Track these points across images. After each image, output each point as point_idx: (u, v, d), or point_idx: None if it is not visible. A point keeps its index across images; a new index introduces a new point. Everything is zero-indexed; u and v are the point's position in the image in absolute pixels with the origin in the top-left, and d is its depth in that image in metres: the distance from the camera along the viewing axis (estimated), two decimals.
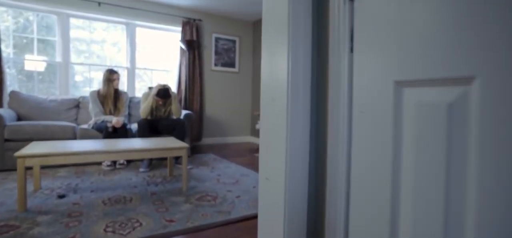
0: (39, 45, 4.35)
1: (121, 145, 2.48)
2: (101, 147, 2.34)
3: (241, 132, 5.83)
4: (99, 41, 4.65)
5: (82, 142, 2.60)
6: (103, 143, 2.58)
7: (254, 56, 5.82)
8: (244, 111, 5.86)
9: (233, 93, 5.71)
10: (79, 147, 2.32)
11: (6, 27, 4.06)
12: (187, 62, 4.96)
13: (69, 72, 4.43)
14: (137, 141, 2.72)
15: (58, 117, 3.76)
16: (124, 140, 2.73)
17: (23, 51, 4.23)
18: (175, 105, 3.49)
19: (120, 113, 3.54)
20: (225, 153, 4.48)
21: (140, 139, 2.87)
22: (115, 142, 2.66)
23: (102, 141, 2.68)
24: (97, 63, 4.61)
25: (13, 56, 4.11)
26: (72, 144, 2.46)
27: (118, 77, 3.47)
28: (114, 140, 2.76)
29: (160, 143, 2.62)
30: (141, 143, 2.60)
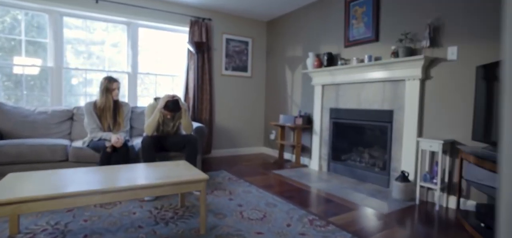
0: (28, 48, 3.81)
1: (123, 177, 1.94)
2: (97, 181, 1.81)
3: (253, 142, 5.29)
4: (98, 42, 4.11)
5: (73, 172, 2.05)
6: (99, 173, 2.04)
7: (268, 59, 5.28)
8: (257, 120, 5.32)
9: (245, 100, 5.17)
10: (68, 181, 1.79)
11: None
12: (195, 66, 4.42)
13: (63, 77, 3.89)
14: (142, 170, 2.17)
15: (48, 132, 3.22)
16: (126, 169, 2.19)
17: (10, 54, 3.70)
18: (186, 119, 2.95)
19: (120, 128, 3.00)
20: (239, 170, 3.93)
21: (145, 165, 2.33)
22: (114, 172, 2.13)
23: (99, 170, 2.14)
24: (93, 68, 4.07)
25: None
26: (61, 176, 1.92)
27: (118, 87, 2.93)
28: (113, 168, 2.22)
29: (171, 173, 2.08)
30: (147, 174, 2.06)
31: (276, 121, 5.01)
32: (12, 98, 3.71)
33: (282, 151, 4.64)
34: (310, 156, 4.28)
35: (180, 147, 3.05)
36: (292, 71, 4.69)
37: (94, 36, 4.11)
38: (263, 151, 5.37)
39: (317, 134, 4.07)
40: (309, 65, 4.09)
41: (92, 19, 4.03)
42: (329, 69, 3.73)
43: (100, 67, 4.13)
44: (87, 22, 4.02)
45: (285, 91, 4.85)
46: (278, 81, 5.01)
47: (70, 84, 4.05)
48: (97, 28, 4.11)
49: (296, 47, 4.60)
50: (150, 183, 1.82)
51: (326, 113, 3.97)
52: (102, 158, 2.70)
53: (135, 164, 2.34)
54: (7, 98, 3.66)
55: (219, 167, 4.11)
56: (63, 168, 2.75)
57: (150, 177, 1.93)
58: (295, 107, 4.63)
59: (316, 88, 4.09)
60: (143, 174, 2.02)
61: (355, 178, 3.56)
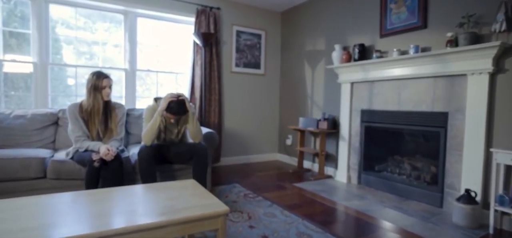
0: (11, 41, 3.26)
1: (107, 211, 1.37)
2: (68, 221, 1.24)
3: (266, 148, 4.71)
4: (90, 36, 3.55)
5: (46, 199, 1.48)
6: (75, 206, 1.47)
7: (283, 54, 4.70)
8: (271, 124, 4.74)
9: (258, 101, 4.59)
10: (22, 221, 1.22)
11: None
12: (202, 61, 3.85)
13: (49, 76, 3.33)
14: (137, 197, 1.60)
15: (27, 141, 2.65)
16: (114, 196, 1.61)
17: None
18: (193, 124, 2.38)
19: (112, 136, 2.43)
20: (254, 182, 3.35)
21: (142, 189, 1.75)
22: (97, 202, 1.55)
23: (75, 199, 1.56)
24: (86, 65, 3.51)
25: None
26: (29, 206, 1.35)
27: (109, 84, 2.36)
28: (95, 195, 1.64)
29: (176, 202, 1.50)
30: (143, 205, 1.48)
31: (293, 124, 4.42)
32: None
33: (301, 159, 4.05)
34: (335, 165, 3.69)
35: (186, 158, 2.48)
36: (312, 68, 4.10)
37: (84, 26, 3.55)
38: (277, 158, 4.79)
39: (344, 140, 3.49)
40: (335, 60, 3.50)
41: (83, 7, 3.46)
42: (361, 63, 3.15)
43: (91, 63, 3.56)
44: (78, 10, 3.46)
45: (303, 91, 4.26)
46: (296, 79, 4.42)
47: (64, 85, 3.49)
48: (88, 18, 3.55)
49: (318, 40, 4.01)
50: (146, 223, 1.24)
51: (356, 116, 3.38)
52: (87, 175, 2.14)
53: (128, 187, 1.77)
54: None
55: (231, 178, 3.53)
56: (39, 188, 2.19)
57: (147, 211, 1.36)
58: (316, 109, 4.04)
59: (343, 87, 3.50)
60: (138, 205, 1.44)
61: (394, 193, 2.96)
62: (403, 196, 2.89)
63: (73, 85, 3.52)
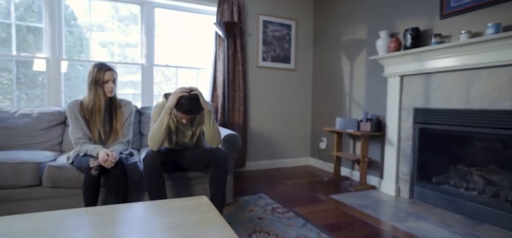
0: (28, 37, 3.07)
1: None
2: None
3: (297, 152, 4.21)
4: (104, 26, 3.29)
5: (30, 219, 1.13)
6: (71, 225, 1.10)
7: (316, 46, 4.18)
8: (303, 125, 4.23)
9: (287, 99, 4.11)
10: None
11: None
12: (225, 55, 3.45)
13: (61, 73, 3.09)
14: (128, 220, 1.20)
15: (31, 142, 2.40)
16: (99, 217, 1.23)
17: (4, 44, 2.98)
18: (210, 125, 1.96)
19: (117, 137, 2.08)
20: (284, 193, 2.88)
21: (145, 209, 1.36)
22: (81, 231, 1.18)
23: (71, 216, 1.20)
24: (95, 60, 3.25)
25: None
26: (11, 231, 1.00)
27: (113, 78, 2.01)
28: (82, 218, 1.27)
29: (178, 236, 1.09)
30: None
31: (328, 125, 3.89)
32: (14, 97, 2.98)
33: (338, 165, 3.51)
34: (380, 174, 3.12)
35: (202, 165, 2.07)
36: (351, 61, 3.55)
37: (99, 19, 3.29)
38: (310, 163, 4.27)
39: (392, 144, 2.91)
40: (380, 49, 2.94)
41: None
42: (415, 52, 2.57)
43: (107, 59, 3.29)
44: (92, 2, 3.20)
45: (341, 87, 3.72)
46: (331, 74, 3.89)
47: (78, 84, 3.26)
48: (102, 9, 3.29)
49: (358, 27, 3.45)
50: None
51: (407, 115, 2.80)
52: (84, 185, 1.80)
53: (127, 206, 1.38)
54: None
55: (257, 186, 3.09)
56: (34, 196, 1.89)
57: None
58: (356, 108, 3.48)
59: (391, 81, 2.93)
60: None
61: (462, 213, 2.35)
62: (475, 218, 2.27)
63: None
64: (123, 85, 3.39)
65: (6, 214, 1.87)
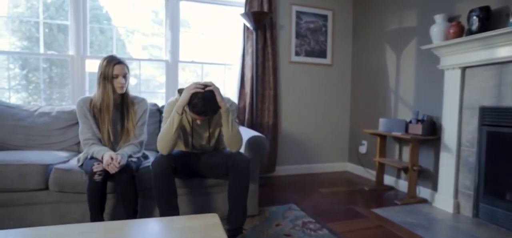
0: (59, 36, 3.05)
1: None
2: None
3: (333, 156, 3.80)
4: (128, 22, 3.17)
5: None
6: None
7: (355, 38, 3.74)
8: (340, 125, 3.81)
9: (323, 96, 3.72)
10: None
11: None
12: (253, 49, 3.16)
13: (85, 71, 3.01)
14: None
15: (48, 142, 2.30)
16: (99, 233, 1.00)
17: (36, 43, 2.97)
18: (228, 126, 1.68)
19: (129, 138, 1.88)
20: (317, 204, 2.52)
21: (147, 226, 1.11)
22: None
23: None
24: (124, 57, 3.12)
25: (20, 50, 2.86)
26: None
27: (123, 73, 1.81)
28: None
29: None
30: None
31: (369, 126, 3.44)
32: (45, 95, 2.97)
33: (381, 172, 3.06)
34: (433, 185, 2.63)
35: (221, 172, 1.80)
36: (397, 53, 3.08)
37: (120, 14, 3.17)
38: (348, 169, 3.84)
39: (450, 151, 2.41)
40: (435, 37, 2.46)
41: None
42: (484, 36, 2.07)
43: (131, 54, 3.17)
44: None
45: (384, 84, 3.25)
46: (373, 68, 3.43)
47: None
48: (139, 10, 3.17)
49: (406, 14, 2.97)
50: None
51: (470, 115, 2.29)
52: (88, 193, 1.61)
53: (116, 224, 1.15)
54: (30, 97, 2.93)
55: (287, 195, 2.76)
56: (40, 201, 1.75)
57: None
58: (403, 106, 3.01)
59: (449, 75, 2.43)
60: None
61: None
62: None
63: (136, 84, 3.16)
64: (150, 83, 3.25)
65: (11, 219, 1.75)
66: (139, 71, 3.15)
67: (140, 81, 3.22)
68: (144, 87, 3.23)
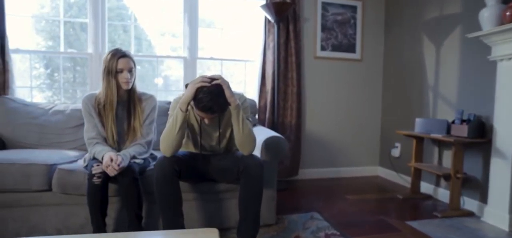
0: (81, 35, 3.04)
1: None
2: None
3: (363, 159, 3.49)
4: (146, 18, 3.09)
5: None
6: None
7: (388, 30, 3.40)
8: (370, 125, 3.49)
9: (351, 94, 3.42)
10: None
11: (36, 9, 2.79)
12: (275, 43, 2.95)
13: None
14: None
15: (60, 140, 2.25)
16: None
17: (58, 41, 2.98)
18: (239, 125, 1.49)
19: (136, 138, 1.75)
20: (343, 213, 2.25)
21: None
22: None
23: None
24: (137, 55, 3.05)
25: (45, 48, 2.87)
26: None
27: (129, 67, 1.68)
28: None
29: None
30: None
31: (403, 127, 3.10)
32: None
33: (417, 179, 2.72)
34: (482, 196, 2.26)
35: (232, 177, 1.61)
36: (437, 44, 2.72)
37: (141, 10, 3.09)
38: (378, 174, 3.50)
39: (504, 157, 2.05)
40: (485, 23, 2.10)
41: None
42: None
43: (144, 51, 3.09)
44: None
45: (421, 79, 2.90)
46: (408, 63, 3.08)
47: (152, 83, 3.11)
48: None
49: (447, 0, 2.62)
50: None
51: None
52: (87, 197, 1.49)
53: (118, 237, 0.99)
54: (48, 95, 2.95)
55: (310, 201, 2.52)
56: (43, 203, 1.67)
57: None
58: (443, 105, 2.65)
59: (502, 66, 2.07)
60: None
61: None
62: None
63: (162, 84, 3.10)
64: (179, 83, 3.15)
65: (14, 221, 1.68)
66: (158, 69, 3.06)
67: (169, 82, 3.15)
68: (175, 87, 3.13)
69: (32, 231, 1.69)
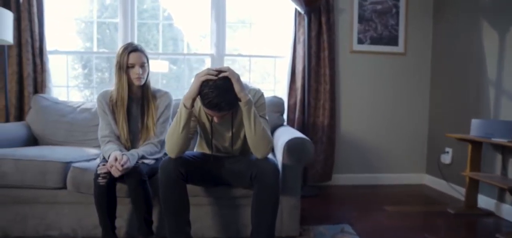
0: (115, 33, 3.12)
1: None
2: None
3: (406, 165, 3.10)
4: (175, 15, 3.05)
5: None
6: None
7: (437, 19, 2.98)
8: (415, 127, 3.10)
9: (393, 92, 3.06)
10: None
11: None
12: (305, 37, 2.73)
13: None
14: None
15: (84, 138, 2.27)
16: None
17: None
18: (251, 123, 1.32)
19: (149, 137, 1.66)
20: (380, 228, 1.97)
21: None
22: None
23: None
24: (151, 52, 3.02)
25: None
26: None
27: (140, 62, 1.60)
28: None
29: None
30: None
31: (455, 129, 2.68)
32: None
33: (474, 191, 2.31)
34: None
35: (246, 183, 1.44)
36: (500, 31, 2.29)
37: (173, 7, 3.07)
38: (425, 182, 3.09)
39: None
40: None
41: None
42: None
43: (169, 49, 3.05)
44: None
45: (480, 73, 2.47)
46: (462, 55, 2.66)
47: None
48: None
49: None
50: None
51: None
52: (94, 198, 1.43)
53: None
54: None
55: (341, 212, 2.26)
56: (59, 201, 1.66)
57: None
58: (509, 103, 2.21)
59: None
60: None
61: None
62: None
63: None
64: None
65: (33, 217, 1.69)
66: (193, 68, 3.01)
67: None
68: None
69: (48, 228, 1.69)
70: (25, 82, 2.57)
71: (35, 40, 2.59)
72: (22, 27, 2.56)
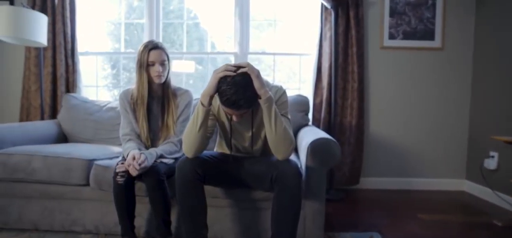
0: (142, 33, 3.18)
1: None
2: None
3: (443, 170, 2.87)
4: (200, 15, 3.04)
5: None
6: None
7: (479, 11, 2.73)
8: (454, 129, 2.86)
9: (429, 91, 2.85)
10: None
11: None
12: (332, 33, 2.60)
13: None
14: None
15: (110, 136, 2.31)
16: None
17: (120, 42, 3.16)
18: (271, 122, 1.24)
19: (169, 135, 1.64)
20: (412, 237, 1.81)
21: None
22: None
23: None
24: (174, 51, 3.02)
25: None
26: None
27: (161, 60, 1.58)
28: None
29: None
30: None
31: (501, 131, 2.42)
32: None
33: None
34: None
35: (266, 185, 1.37)
36: None
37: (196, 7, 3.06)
38: (465, 189, 2.84)
39: None
40: None
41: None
42: None
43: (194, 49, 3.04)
44: None
45: None
46: (510, 48, 2.40)
47: None
48: None
49: None
50: None
51: None
52: (113, 196, 1.42)
53: None
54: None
55: (370, 218, 2.11)
56: (83, 197, 1.70)
57: None
58: None
59: None
60: None
61: None
62: None
63: None
64: None
65: (61, 212, 1.73)
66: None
67: None
68: None
69: (73, 224, 1.72)
70: (58, 82, 2.68)
71: (68, 42, 2.70)
72: (56, 30, 2.67)
